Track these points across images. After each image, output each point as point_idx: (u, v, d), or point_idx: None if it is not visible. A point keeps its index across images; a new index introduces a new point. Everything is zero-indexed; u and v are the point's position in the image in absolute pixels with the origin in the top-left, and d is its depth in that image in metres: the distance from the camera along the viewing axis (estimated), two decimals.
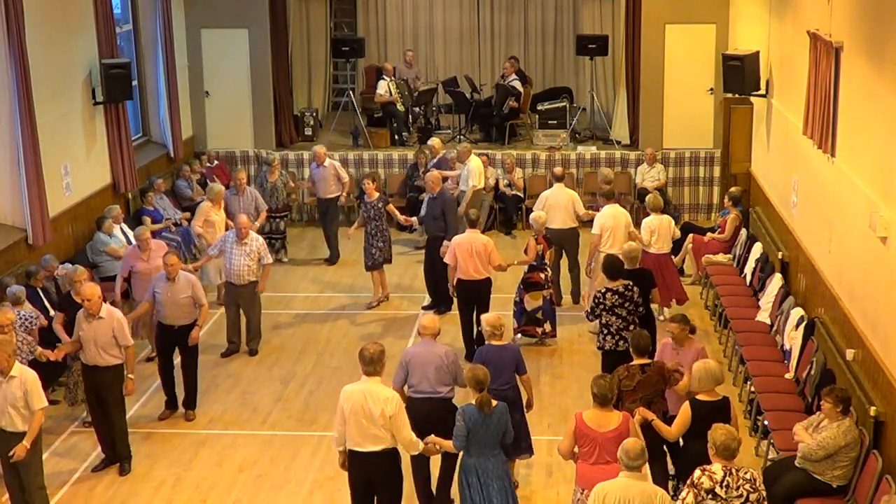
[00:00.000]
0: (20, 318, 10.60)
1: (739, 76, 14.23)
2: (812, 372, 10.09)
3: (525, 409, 9.40)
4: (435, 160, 15.95)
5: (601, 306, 10.37)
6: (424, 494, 9.25)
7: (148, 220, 14.83)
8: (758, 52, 14.23)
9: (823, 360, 10.04)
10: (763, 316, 12.04)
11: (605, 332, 10.43)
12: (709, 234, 14.63)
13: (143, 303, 11.27)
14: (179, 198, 16.14)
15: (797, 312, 11.14)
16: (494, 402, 8.11)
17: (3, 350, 8.60)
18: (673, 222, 13.11)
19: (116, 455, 10.11)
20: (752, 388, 10.60)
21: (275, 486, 9.82)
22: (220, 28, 17.68)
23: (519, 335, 12.46)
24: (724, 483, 6.97)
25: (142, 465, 10.21)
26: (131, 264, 12.09)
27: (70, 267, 12.36)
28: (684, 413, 8.16)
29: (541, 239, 12.36)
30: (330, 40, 20.47)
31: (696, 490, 6.99)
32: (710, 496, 6.98)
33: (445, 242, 12.71)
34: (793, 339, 10.86)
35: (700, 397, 8.23)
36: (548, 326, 12.47)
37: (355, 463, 8.18)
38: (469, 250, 11.99)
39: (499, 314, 9.54)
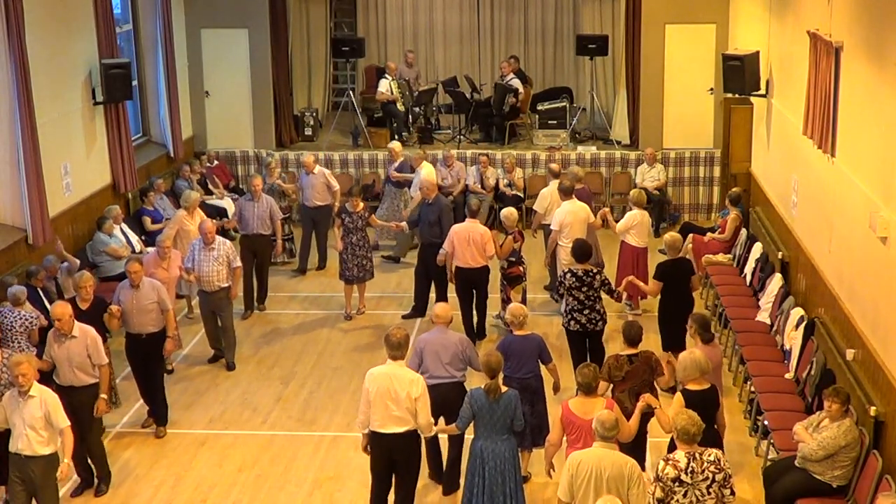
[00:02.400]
0: (20, 319, 10.60)
1: (739, 76, 14.22)
2: (812, 372, 10.09)
3: (554, 392, 9.72)
4: (396, 164, 15.96)
5: (562, 286, 11.03)
6: (436, 467, 9.64)
7: (147, 220, 14.85)
8: (758, 52, 14.22)
9: (823, 360, 10.03)
10: (763, 316, 12.04)
11: (563, 309, 11.20)
12: (709, 234, 14.63)
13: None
14: (179, 198, 16.12)
15: (797, 312, 11.14)
16: (504, 389, 8.36)
17: (20, 368, 8.29)
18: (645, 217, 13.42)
19: (93, 476, 9.73)
20: (752, 388, 10.60)
21: (275, 486, 9.81)
22: (220, 28, 17.67)
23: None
24: (689, 469, 7.10)
25: (142, 465, 10.20)
26: (151, 272, 11.47)
27: (65, 266, 12.28)
28: (678, 401, 8.25)
29: (517, 235, 12.75)
30: (330, 40, 20.46)
31: (661, 483, 7.12)
32: (676, 484, 7.09)
33: (442, 250, 12.75)
34: (793, 339, 10.86)
35: (690, 387, 8.37)
36: None
37: (378, 444, 8.50)
38: (466, 239, 12.39)
39: (522, 305, 9.74)
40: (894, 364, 8.62)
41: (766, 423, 9.79)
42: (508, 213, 12.85)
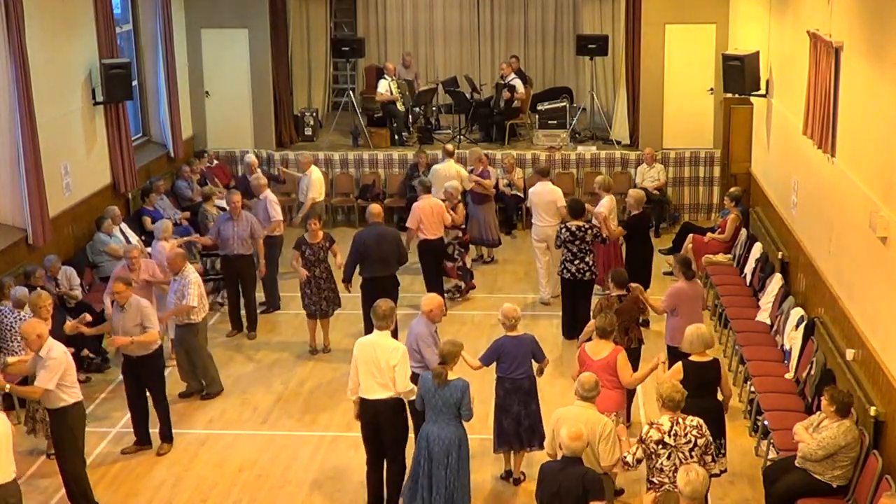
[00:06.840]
0: (20, 320, 10.58)
1: (739, 76, 14.23)
2: (812, 372, 10.09)
3: (538, 375, 9.65)
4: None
5: (559, 238, 12.56)
6: None
7: (148, 220, 14.84)
8: (758, 52, 14.22)
9: (823, 360, 10.04)
10: (763, 316, 12.04)
11: (560, 259, 12.66)
12: (709, 234, 14.62)
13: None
14: (179, 198, 16.14)
15: (797, 312, 11.14)
16: (454, 377, 8.52)
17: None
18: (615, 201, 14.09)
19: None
20: (752, 388, 10.60)
21: (275, 486, 9.81)
22: (220, 28, 17.69)
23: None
24: (672, 432, 7.60)
25: (142, 465, 10.21)
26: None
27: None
28: (676, 369, 8.94)
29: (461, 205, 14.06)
30: (330, 40, 20.49)
31: (644, 445, 7.62)
32: (660, 446, 7.59)
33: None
34: (793, 339, 10.86)
35: (692, 358, 9.02)
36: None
37: (364, 410, 8.96)
38: (430, 212, 13.26)
39: (515, 306, 9.63)
40: (894, 364, 8.62)
41: (766, 423, 9.79)
42: (455, 185, 14.04)
